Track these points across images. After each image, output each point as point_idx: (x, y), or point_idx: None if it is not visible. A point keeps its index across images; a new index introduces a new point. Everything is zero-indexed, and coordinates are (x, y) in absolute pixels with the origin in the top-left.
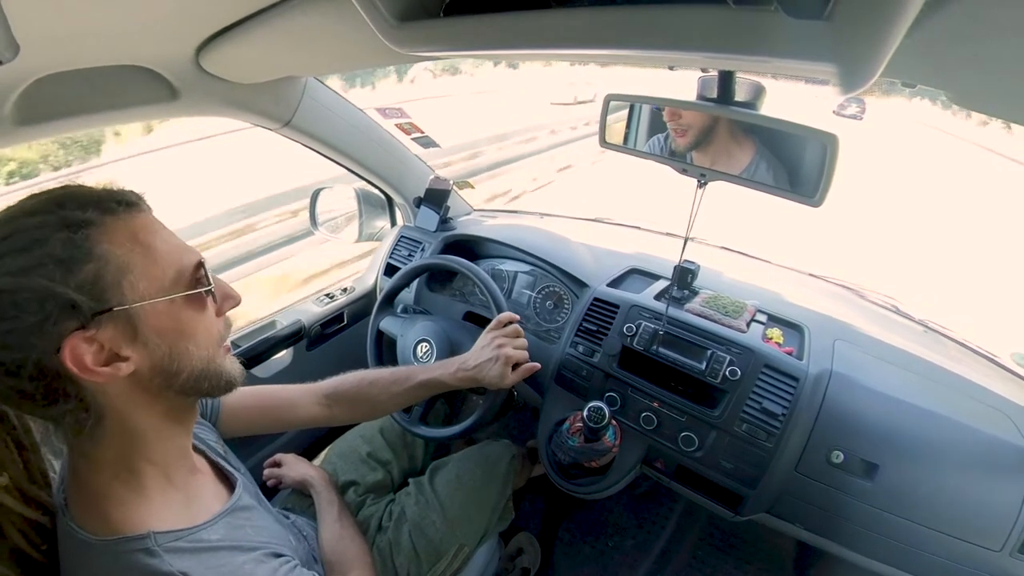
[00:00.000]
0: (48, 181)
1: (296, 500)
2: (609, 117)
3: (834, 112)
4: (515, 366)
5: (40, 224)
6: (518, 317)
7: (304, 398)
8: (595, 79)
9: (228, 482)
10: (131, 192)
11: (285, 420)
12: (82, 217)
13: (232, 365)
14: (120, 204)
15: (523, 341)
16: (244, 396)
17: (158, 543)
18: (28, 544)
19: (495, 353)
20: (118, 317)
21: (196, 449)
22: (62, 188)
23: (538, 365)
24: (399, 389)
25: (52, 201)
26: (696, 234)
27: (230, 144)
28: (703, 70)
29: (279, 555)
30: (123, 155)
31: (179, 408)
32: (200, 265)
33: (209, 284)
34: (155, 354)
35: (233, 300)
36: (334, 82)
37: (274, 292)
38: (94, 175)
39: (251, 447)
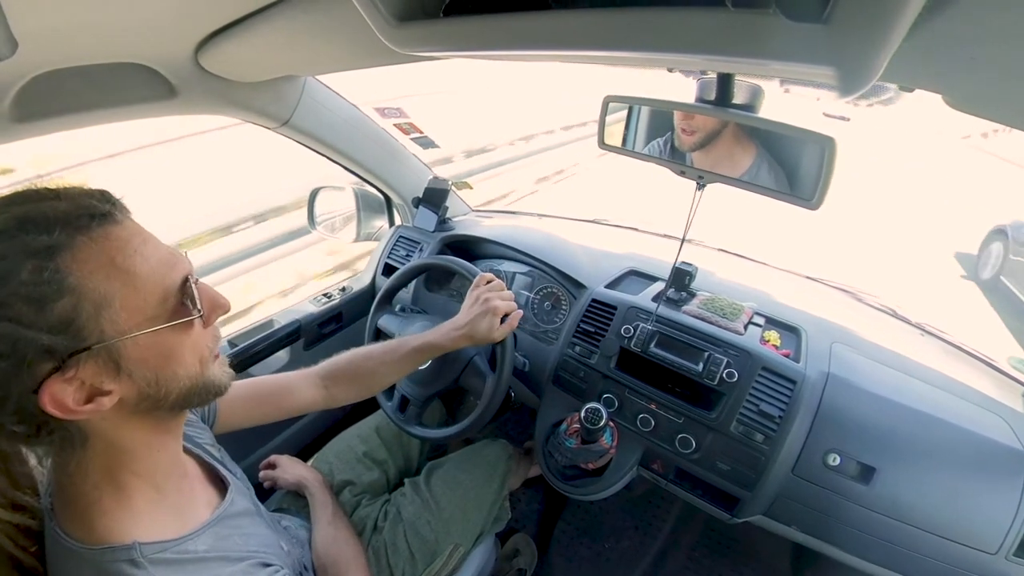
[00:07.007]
0: None
1: (291, 501)
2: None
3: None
4: (504, 321)
5: (1, 254)
6: (494, 277)
7: (300, 382)
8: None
9: (222, 486)
10: (104, 198)
11: (284, 407)
12: (49, 242)
13: (221, 373)
14: (93, 218)
15: (508, 293)
16: (239, 388)
17: (143, 554)
18: (18, 548)
19: (483, 308)
20: (99, 354)
21: (188, 452)
22: (21, 200)
23: (521, 312)
24: (395, 358)
25: (12, 221)
26: (695, 236)
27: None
28: (702, 72)
29: (268, 564)
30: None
31: (168, 420)
32: (186, 280)
33: (196, 303)
34: (140, 383)
35: (222, 309)
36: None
37: None
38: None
39: (246, 448)
